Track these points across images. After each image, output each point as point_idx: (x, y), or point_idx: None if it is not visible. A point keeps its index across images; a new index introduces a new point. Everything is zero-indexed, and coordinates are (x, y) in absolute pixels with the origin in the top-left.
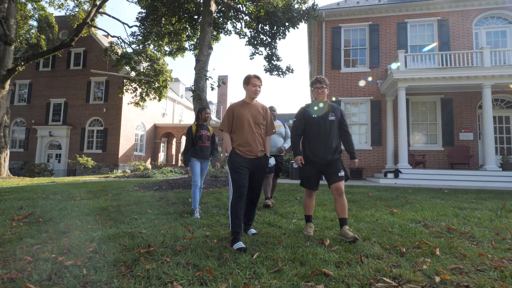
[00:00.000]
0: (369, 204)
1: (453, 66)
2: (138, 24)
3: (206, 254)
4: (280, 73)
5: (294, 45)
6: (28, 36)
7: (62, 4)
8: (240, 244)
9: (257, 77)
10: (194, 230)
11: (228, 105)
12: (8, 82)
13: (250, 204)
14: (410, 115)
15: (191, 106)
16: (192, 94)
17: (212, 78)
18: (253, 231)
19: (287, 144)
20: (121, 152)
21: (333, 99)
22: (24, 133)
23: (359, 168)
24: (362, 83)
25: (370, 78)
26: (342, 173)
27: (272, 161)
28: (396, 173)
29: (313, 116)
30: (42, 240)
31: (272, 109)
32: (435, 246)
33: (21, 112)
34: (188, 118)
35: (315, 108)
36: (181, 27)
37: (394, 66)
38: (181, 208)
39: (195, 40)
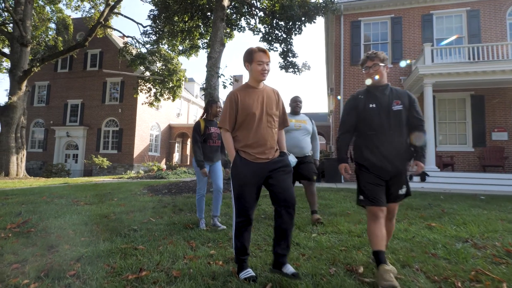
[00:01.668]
0: (399, 214)
1: (485, 60)
2: (150, 22)
3: (206, 283)
4: (296, 70)
5: (310, 41)
6: (47, 38)
7: (78, 6)
8: (249, 272)
9: (263, 51)
10: (197, 246)
11: None
12: (25, 83)
13: (280, 228)
14: (437, 114)
15: None
16: (204, 93)
17: (224, 76)
18: (290, 269)
19: (318, 151)
20: (136, 152)
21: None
22: (43, 133)
23: None
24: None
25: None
26: (404, 190)
27: (292, 158)
28: (423, 176)
29: (371, 106)
30: (24, 257)
31: (297, 99)
32: (500, 280)
33: (40, 113)
34: None
35: (371, 94)
36: (194, 25)
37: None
38: (187, 216)
39: (208, 38)
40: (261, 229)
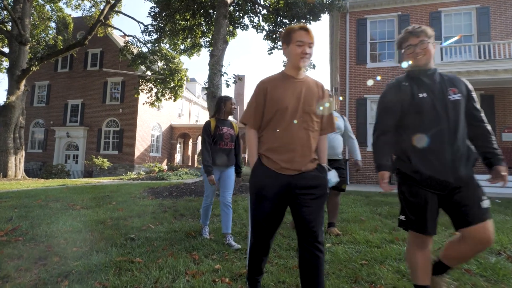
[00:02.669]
0: None
1: (496, 58)
2: (151, 20)
3: None
4: None
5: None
6: (47, 38)
7: (79, 4)
8: None
9: (304, 29)
10: (201, 259)
11: (245, 106)
12: (23, 82)
13: (304, 270)
14: None
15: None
16: (206, 92)
17: (227, 74)
18: None
19: (357, 149)
20: (137, 153)
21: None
22: (43, 134)
23: None
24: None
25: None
26: (487, 203)
27: (333, 177)
28: None
29: (421, 95)
30: (6, 272)
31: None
32: None
33: (40, 113)
34: (205, 118)
35: (418, 81)
36: (196, 23)
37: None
38: (189, 222)
39: (210, 37)
40: None
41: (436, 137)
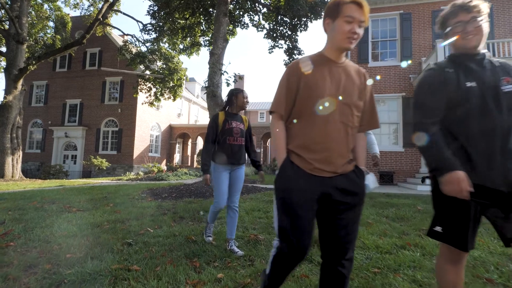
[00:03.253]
0: (426, 224)
1: (500, 57)
2: (150, 18)
3: None
4: None
5: (313, 40)
6: (46, 37)
7: (77, 3)
8: None
9: (358, 4)
10: (202, 266)
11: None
12: (21, 81)
13: (329, 283)
14: None
15: (207, 106)
16: (206, 91)
17: (227, 73)
18: None
19: (375, 143)
20: (136, 153)
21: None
22: (41, 134)
23: (390, 172)
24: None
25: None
26: None
27: (372, 182)
28: (423, 179)
29: (468, 84)
30: None
31: None
32: None
33: (38, 113)
34: (204, 118)
35: (465, 67)
36: (195, 22)
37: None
38: (189, 225)
39: (210, 36)
40: None
41: (485, 137)
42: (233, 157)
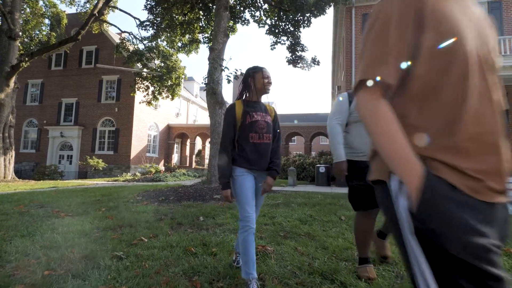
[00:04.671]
0: None
1: (508, 54)
2: (147, 14)
3: None
4: (305, 65)
5: (314, 39)
6: (41, 35)
7: (73, 0)
8: None
9: None
10: (203, 287)
11: None
12: (13, 79)
13: None
14: None
15: (206, 105)
16: (205, 88)
17: (228, 69)
18: None
19: None
20: (133, 153)
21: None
22: (36, 133)
23: None
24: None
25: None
26: None
27: None
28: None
29: None
30: None
31: None
32: None
33: (33, 112)
34: (203, 118)
35: None
36: (194, 17)
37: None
38: (188, 233)
39: (209, 32)
40: (286, 258)
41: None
42: (259, 161)
